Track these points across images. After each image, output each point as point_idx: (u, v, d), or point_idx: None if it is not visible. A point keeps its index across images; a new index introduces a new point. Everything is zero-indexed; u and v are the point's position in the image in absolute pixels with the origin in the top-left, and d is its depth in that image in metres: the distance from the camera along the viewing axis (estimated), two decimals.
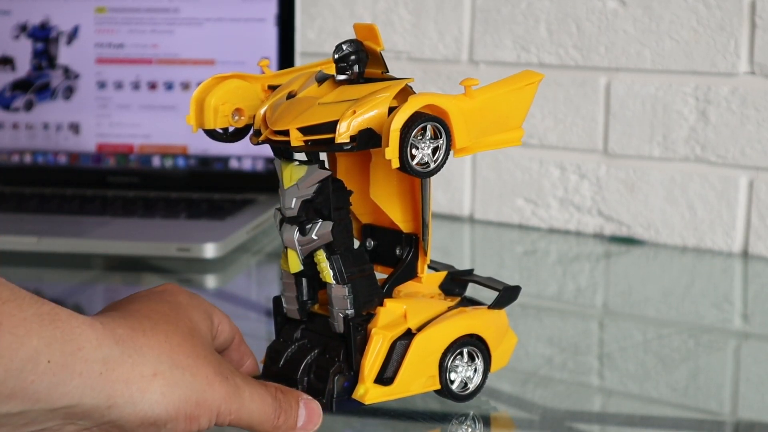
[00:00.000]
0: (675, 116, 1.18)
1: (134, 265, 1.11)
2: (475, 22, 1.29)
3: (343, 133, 0.64)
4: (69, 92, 1.36)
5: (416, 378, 0.70)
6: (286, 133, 0.67)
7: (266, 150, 1.32)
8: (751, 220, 1.16)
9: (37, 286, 1.10)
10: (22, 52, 1.37)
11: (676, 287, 1.10)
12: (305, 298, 0.72)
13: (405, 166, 0.64)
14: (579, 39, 1.23)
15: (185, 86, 1.33)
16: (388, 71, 0.71)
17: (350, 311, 0.69)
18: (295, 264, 0.70)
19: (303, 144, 0.66)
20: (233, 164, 1.33)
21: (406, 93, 0.68)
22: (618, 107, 1.22)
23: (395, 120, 0.63)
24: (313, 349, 0.71)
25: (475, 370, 0.73)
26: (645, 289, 1.08)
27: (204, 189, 1.32)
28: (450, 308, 0.73)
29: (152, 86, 1.34)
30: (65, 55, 1.36)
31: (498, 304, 0.75)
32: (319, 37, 1.39)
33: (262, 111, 0.70)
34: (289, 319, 0.73)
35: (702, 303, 1.05)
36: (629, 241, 1.22)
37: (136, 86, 1.34)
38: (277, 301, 0.74)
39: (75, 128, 1.36)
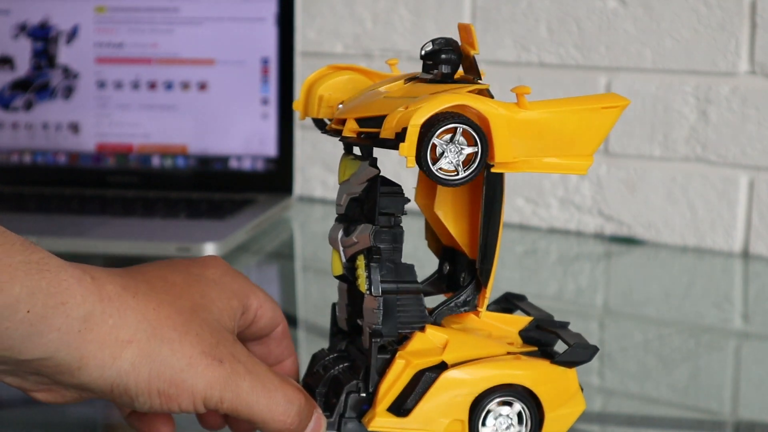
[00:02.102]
0: (675, 116, 1.18)
1: (134, 264, 1.11)
2: (475, 21, 1.29)
3: (388, 129, 0.59)
4: (68, 92, 1.36)
5: (438, 417, 0.61)
6: (343, 123, 0.62)
7: (267, 149, 1.32)
8: (751, 220, 1.16)
9: None
10: (22, 52, 1.37)
11: (677, 287, 1.10)
12: (351, 307, 0.65)
13: (423, 168, 0.58)
14: (579, 38, 1.23)
15: (185, 86, 1.33)
16: (480, 78, 0.63)
17: (379, 327, 0.62)
18: (337, 266, 0.64)
19: (354, 135, 0.61)
20: (233, 164, 1.33)
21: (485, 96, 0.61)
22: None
23: (416, 114, 0.57)
24: (344, 363, 0.64)
25: (508, 426, 0.62)
26: (645, 289, 1.08)
27: (204, 189, 1.32)
28: (510, 353, 0.63)
29: (152, 86, 1.34)
30: (65, 54, 1.36)
31: (565, 361, 0.63)
32: (319, 37, 1.39)
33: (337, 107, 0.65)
34: (341, 330, 0.67)
35: (702, 303, 1.04)
36: (630, 240, 1.22)
37: (135, 86, 1.34)
38: (334, 308, 0.67)
39: (74, 128, 1.36)
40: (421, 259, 1.24)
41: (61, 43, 1.36)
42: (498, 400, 0.62)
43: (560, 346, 0.64)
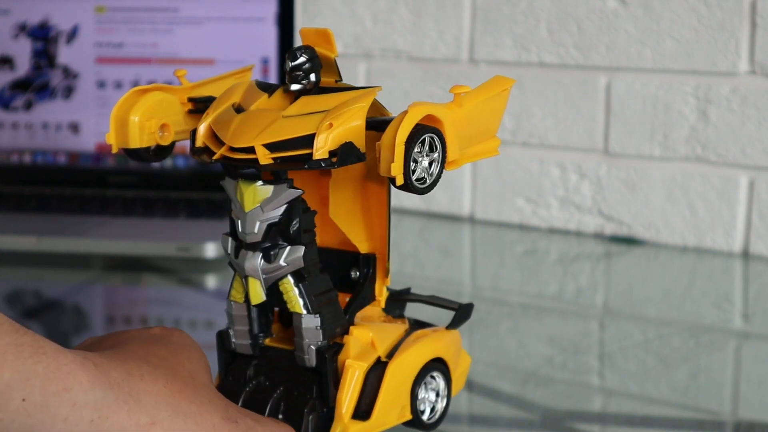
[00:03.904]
0: (675, 116, 1.18)
1: (134, 264, 1.11)
2: (475, 21, 1.29)
3: (322, 149, 0.58)
4: (68, 92, 1.36)
5: (392, 409, 0.65)
6: (248, 150, 0.60)
7: None
8: (751, 220, 1.16)
9: (37, 286, 1.10)
10: (22, 52, 1.37)
11: (677, 287, 1.10)
12: (257, 331, 0.65)
13: (408, 183, 0.58)
14: (579, 38, 1.23)
15: None
16: (341, 79, 0.66)
17: (323, 343, 0.63)
18: (258, 295, 0.63)
19: (272, 162, 0.59)
20: None
21: (375, 103, 0.63)
22: (618, 107, 1.22)
23: (401, 132, 0.57)
24: (275, 387, 0.64)
25: (439, 395, 0.68)
26: (645, 289, 1.08)
27: (204, 189, 1.32)
28: (407, 332, 0.68)
29: None
30: (65, 54, 1.36)
31: (455, 324, 0.69)
32: None
33: (202, 126, 0.63)
34: (236, 355, 0.66)
35: (702, 303, 1.04)
36: (630, 240, 1.22)
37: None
38: (221, 336, 0.66)
39: (74, 128, 1.36)
40: (421, 259, 1.24)
41: (61, 43, 1.36)
42: (428, 376, 0.66)
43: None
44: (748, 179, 1.16)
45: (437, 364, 0.67)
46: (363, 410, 0.63)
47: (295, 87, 0.63)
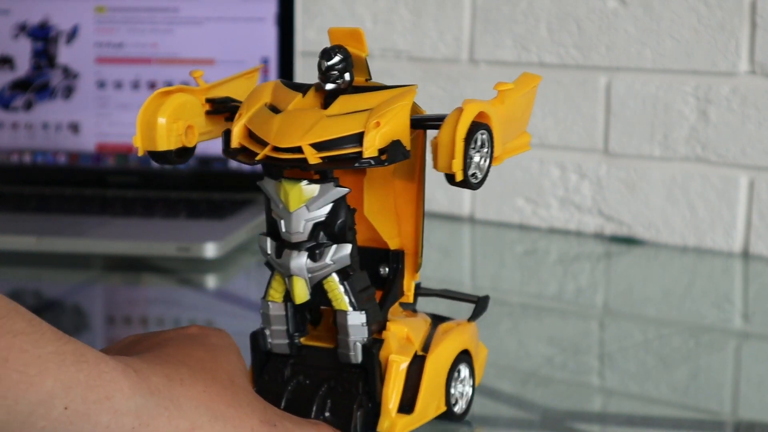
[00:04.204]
0: (675, 116, 1.18)
1: (134, 265, 1.11)
2: (475, 21, 1.29)
3: (372, 147, 0.60)
4: (68, 92, 1.36)
5: (431, 402, 0.67)
6: (294, 150, 0.60)
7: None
8: (751, 220, 1.16)
9: (37, 286, 1.10)
10: (22, 52, 1.37)
11: (677, 287, 1.10)
12: (294, 330, 0.66)
13: (465, 180, 0.59)
14: (579, 38, 1.23)
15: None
16: (371, 78, 0.67)
17: (368, 339, 0.64)
18: (303, 294, 0.63)
19: (321, 161, 0.60)
20: (233, 164, 1.33)
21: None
22: (618, 107, 1.22)
23: (460, 129, 0.58)
24: (318, 386, 0.65)
25: (466, 386, 0.70)
26: (645, 289, 1.08)
27: (204, 189, 1.32)
28: (432, 326, 0.70)
29: (152, 86, 1.34)
30: (65, 54, 1.36)
31: (475, 316, 0.72)
32: (319, 37, 1.39)
33: (237, 126, 0.63)
34: (271, 356, 0.67)
35: (702, 303, 1.04)
36: (630, 240, 1.22)
37: (135, 86, 1.34)
38: (256, 336, 0.67)
39: (74, 128, 1.36)
40: (427, 257, 1.24)
41: (61, 43, 1.36)
42: (458, 368, 0.69)
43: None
44: (748, 179, 1.16)
45: (464, 356, 0.69)
46: (406, 404, 0.65)
47: (329, 86, 0.63)
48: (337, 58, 0.64)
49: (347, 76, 0.64)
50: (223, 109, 0.67)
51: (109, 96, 1.35)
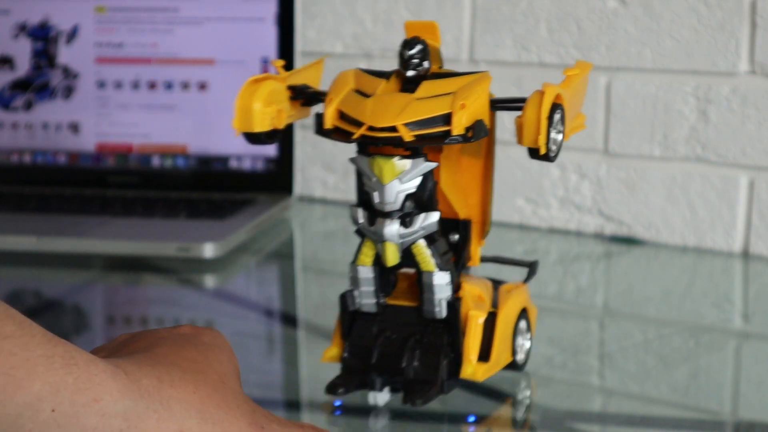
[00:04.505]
0: (675, 116, 1.18)
1: (134, 265, 1.12)
2: (475, 21, 1.29)
3: (459, 126, 0.67)
4: (68, 92, 1.36)
5: (502, 352, 0.75)
6: (388, 129, 0.68)
7: (266, 150, 1.32)
8: (751, 220, 1.16)
9: (37, 286, 1.11)
10: (22, 52, 1.37)
11: (677, 287, 1.10)
12: (381, 291, 0.74)
13: (547, 153, 0.68)
14: (579, 38, 1.23)
15: (185, 86, 1.33)
16: (443, 65, 0.75)
17: (451, 297, 0.72)
18: (394, 257, 0.71)
19: (414, 139, 0.68)
20: (233, 164, 1.33)
21: None
22: (618, 107, 1.22)
23: (544, 109, 0.67)
24: (405, 340, 0.72)
25: (526, 339, 0.80)
26: (645, 289, 1.08)
27: (204, 189, 1.32)
28: (494, 287, 0.78)
29: (152, 86, 1.34)
30: (65, 54, 1.36)
31: (528, 278, 0.82)
32: (319, 37, 1.39)
33: (329, 109, 0.71)
34: (357, 315, 0.74)
35: (702, 303, 1.05)
36: (630, 240, 1.22)
37: (135, 86, 1.34)
38: (344, 298, 0.74)
39: (74, 128, 1.36)
40: None
41: (61, 43, 1.36)
42: (519, 323, 0.78)
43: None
44: (748, 179, 1.16)
45: (523, 313, 0.79)
46: (484, 353, 0.73)
47: (411, 73, 0.71)
48: (417, 48, 0.71)
49: (426, 63, 0.71)
50: (302, 95, 0.75)
51: (109, 96, 1.35)
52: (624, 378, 0.84)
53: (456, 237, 0.76)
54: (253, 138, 0.73)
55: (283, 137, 1.32)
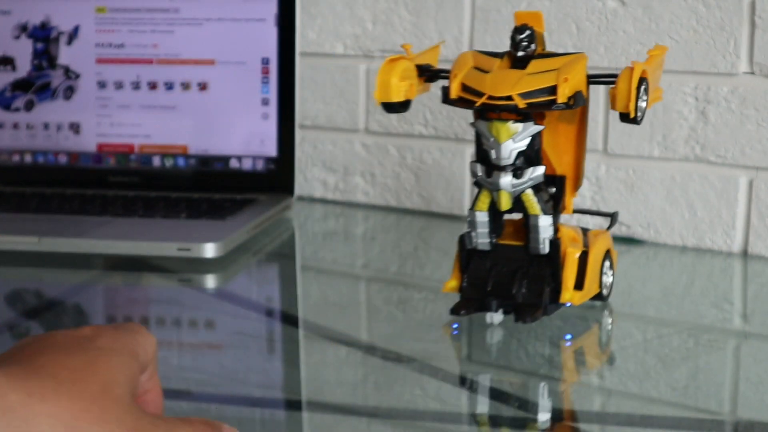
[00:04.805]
0: (675, 116, 1.19)
1: (135, 265, 1.12)
2: (475, 21, 1.29)
3: (563, 95, 0.84)
4: (69, 92, 1.36)
5: (592, 284, 0.92)
6: (505, 98, 0.84)
7: (267, 150, 1.32)
8: (750, 220, 1.16)
9: (38, 286, 1.11)
10: (23, 52, 1.37)
11: (676, 287, 1.10)
12: (494, 232, 0.90)
13: (635, 117, 0.85)
14: (579, 39, 1.23)
15: (185, 86, 1.34)
16: (545, 48, 0.91)
17: (553, 236, 0.88)
18: (507, 203, 0.88)
19: (526, 106, 0.84)
20: (234, 164, 1.33)
21: None
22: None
23: (634, 81, 0.84)
24: (514, 272, 0.89)
25: (609, 275, 0.96)
26: (645, 289, 1.08)
27: (204, 189, 1.32)
28: (584, 232, 0.95)
29: (153, 86, 1.34)
30: (66, 55, 1.36)
31: (610, 227, 1.01)
32: (319, 37, 1.39)
33: (454, 83, 0.87)
34: (474, 253, 0.90)
35: (702, 302, 1.05)
36: (629, 240, 1.22)
37: (136, 86, 1.35)
38: (462, 238, 0.91)
39: (75, 128, 1.37)
40: (421, 259, 1.24)
41: (62, 44, 1.36)
42: (605, 262, 0.95)
43: None
44: (748, 179, 1.16)
45: (608, 255, 0.96)
46: (578, 283, 0.90)
47: (521, 54, 0.88)
48: (526, 33, 0.88)
49: (533, 46, 0.88)
50: (427, 72, 0.92)
51: (110, 96, 1.35)
52: (624, 378, 0.85)
53: (553, 190, 0.91)
54: (389, 107, 0.90)
55: (284, 137, 1.32)
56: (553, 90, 0.84)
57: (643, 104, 0.86)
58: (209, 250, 1.09)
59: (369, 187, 1.38)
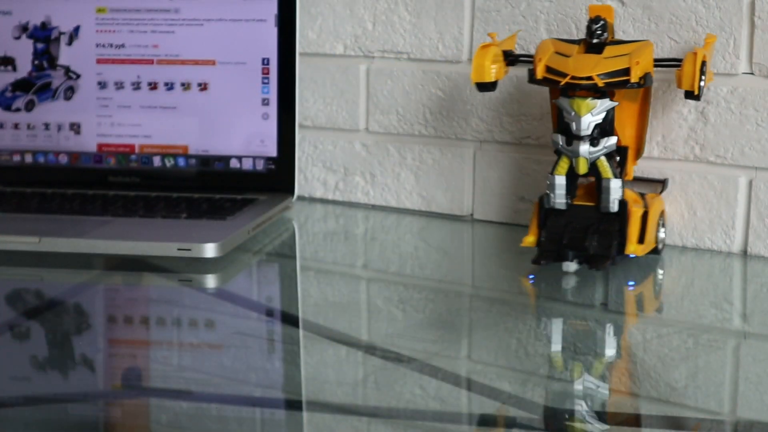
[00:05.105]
0: (674, 116, 1.19)
1: (135, 265, 1.12)
2: (475, 22, 1.29)
3: (635, 76, 1.01)
4: (70, 92, 1.36)
5: (650, 239, 1.09)
6: (586, 78, 1.01)
7: (268, 150, 1.32)
8: (750, 220, 1.16)
9: (38, 286, 1.11)
10: (23, 53, 1.37)
11: (676, 287, 1.10)
12: (568, 194, 1.06)
13: (698, 94, 1.02)
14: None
15: (186, 86, 1.34)
16: (614, 36, 1.09)
17: (621, 197, 1.04)
18: (585, 167, 1.05)
19: (603, 85, 1.01)
20: (234, 164, 1.33)
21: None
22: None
23: (698, 63, 1.02)
24: (587, 228, 1.04)
25: (662, 232, 1.13)
26: (645, 289, 1.08)
27: (205, 189, 1.32)
28: (642, 195, 1.11)
29: (153, 86, 1.34)
30: (66, 55, 1.36)
31: (662, 191, 1.16)
32: (319, 37, 1.39)
33: (539, 66, 1.04)
34: (551, 212, 1.06)
35: (701, 302, 1.05)
36: None
37: (137, 86, 1.35)
38: (541, 199, 1.07)
39: (76, 128, 1.37)
40: (421, 259, 1.24)
41: (62, 44, 1.36)
42: (659, 221, 1.11)
43: None
44: (747, 179, 1.16)
45: (662, 215, 1.12)
46: (641, 238, 1.07)
47: (595, 41, 1.06)
48: (600, 23, 1.06)
49: (605, 34, 1.06)
50: (511, 56, 1.10)
51: (110, 96, 1.35)
52: (624, 378, 0.85)
53: (618, 158, 1.07)
54: (483, 86, 1.08)
55: (284, 137, 1.32)
56: (627, 71, 1.01)
57: (702, 83, 1.02)
58: (209, 250, 1.10)
59: (369, 187, 1.38)
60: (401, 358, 0.87)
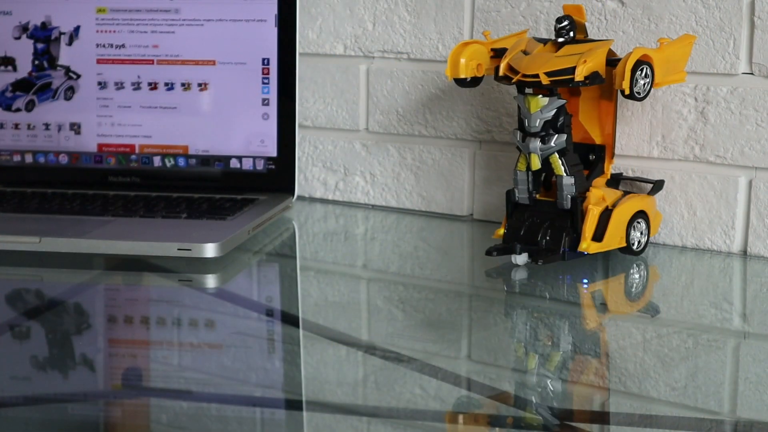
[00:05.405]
0: (674, 116, 1.19)
1: (135, 265, 1.12)
2: (474, 22, 1.29)
3: (580, 74, 1.02)
4: (70, 92, 1.36)
5: (614, 238, 1.08)
6: (534, 76, 1.03)
7: (268, 150, 1.32)
8: (750, 220, 1.16)
9: (39, 286, 1.11)
10: (24, 53, 1.37)
11: (676, 287, 1.10)
12: (532, 189, 1.08)
13: (631, 93, 1.02)
14: None
15: (186, 86, 1.34)
16: (587, 36, 1.10)
17: (575, 194, 1.06)
18: (537, 164, 1.07)
19: (549, 83, 1.03)
20: (234, 164, 1.33)
21: (610, 50, 1.06)
22: (618, 107, 1.22)
23: (629, 63, 1.01)
24: (543, 222, 1.08)
25: (642, 234, 1.11)
26: (644, 289, 1.08)
27: (205, 189, 1.32)
28: (623, 195, 1.10)
29: (153, 86, 1.34)
30: (66, 55, 1.36)
31: (653, 192, 1.15)
32: (319, 38, 1.39)
33: (503, 64, 1.06)
34: (517, 206, 1.09)
35: (701, 302, 1.05)
36: None
37: (137, 86, 1.35)
38: (509, 193, 1.10)
39: (76, 128, 1.37)
40: (421, 259, 1.24)
41: (62, 44, 1.36)
42: (636, 221, 1.10)
43: None
44: (747, 179, 1.16)
45: (642, 215, 1.11)
46: (600, 236, 1.07)
47: (560, 39, 1.07)
48: (566, 22, 1.07)
49: (572, 33, 1.07)
50: (500, 54, 1.09)
51: (110, 97, 1.35)
52: (624, 378, 0.85)
53: (593, 157, 1.11)
54: (460, 82, 1.09)
55: (284, 138, 1.33)
56: (573, 70, 1.02)
57: (647, 86, 1.03)
58: (209, 250, 1.10)
59: (369, 187, 1.38)
60: (401, 358, 0.87)
